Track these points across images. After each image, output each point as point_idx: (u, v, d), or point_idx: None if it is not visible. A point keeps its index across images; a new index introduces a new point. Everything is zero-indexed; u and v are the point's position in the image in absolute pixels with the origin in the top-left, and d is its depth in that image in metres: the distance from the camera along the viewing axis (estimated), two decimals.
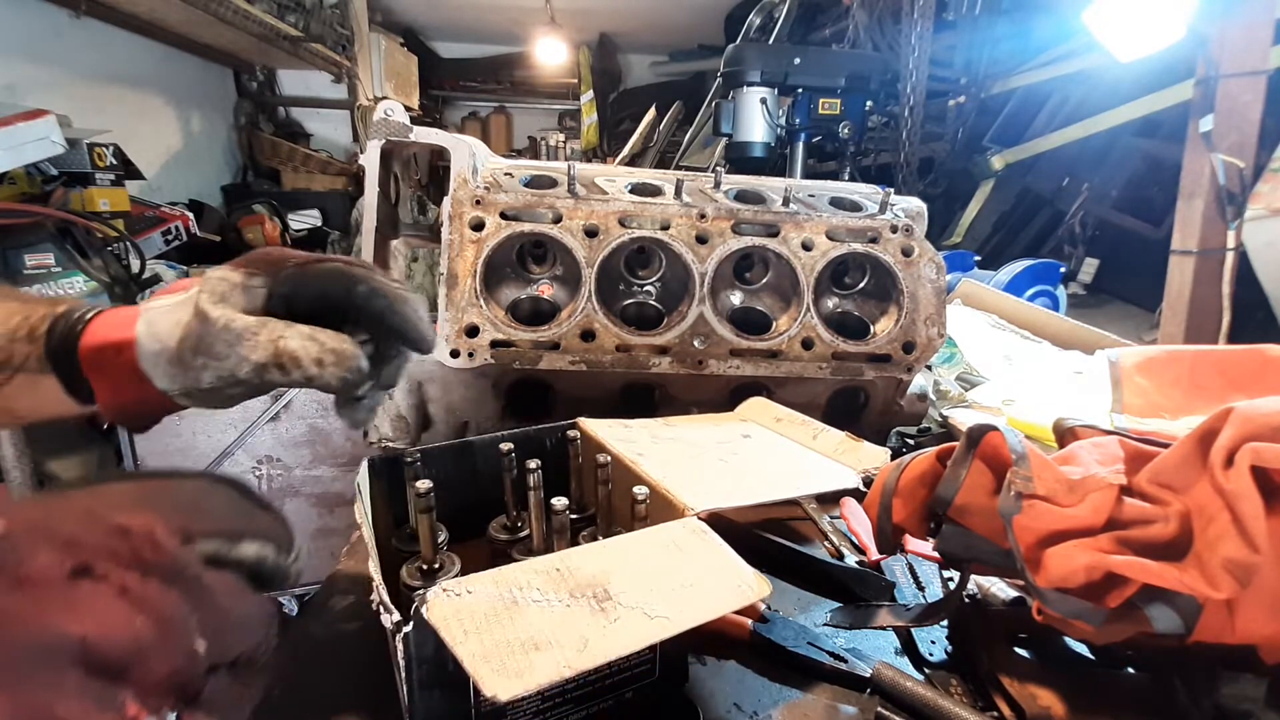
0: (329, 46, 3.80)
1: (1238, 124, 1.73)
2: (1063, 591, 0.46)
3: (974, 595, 0.62)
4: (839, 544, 0.74)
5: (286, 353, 0.43)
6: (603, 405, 0.89)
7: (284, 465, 1.97)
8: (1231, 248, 1.76)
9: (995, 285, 2.08)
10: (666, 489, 0.57)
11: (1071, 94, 2.94)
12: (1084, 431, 0.56)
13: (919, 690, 0.49)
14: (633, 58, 5.93)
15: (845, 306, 1.00)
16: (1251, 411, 0.44)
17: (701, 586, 0.44)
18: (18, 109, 2.05)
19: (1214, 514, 0.43)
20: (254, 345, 0.43)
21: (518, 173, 0.93)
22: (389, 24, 4.92)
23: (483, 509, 0.66)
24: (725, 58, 2.68)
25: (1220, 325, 1.80)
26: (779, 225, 0.94)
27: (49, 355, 0.47)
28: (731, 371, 0.91)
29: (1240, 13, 1.70)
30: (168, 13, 2.87)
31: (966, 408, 1.12)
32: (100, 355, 0.46)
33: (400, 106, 0.89)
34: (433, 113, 5.59)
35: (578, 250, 0.89)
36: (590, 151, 5.50)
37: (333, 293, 0.45)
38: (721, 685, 0.53)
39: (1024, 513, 0.47)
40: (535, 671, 0.35)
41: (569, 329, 0.88)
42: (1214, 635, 0.44)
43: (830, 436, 0.73)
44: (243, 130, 4.19)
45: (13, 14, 2.55)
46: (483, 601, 0.39)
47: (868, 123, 2.70)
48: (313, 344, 0.43)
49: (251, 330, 0.43)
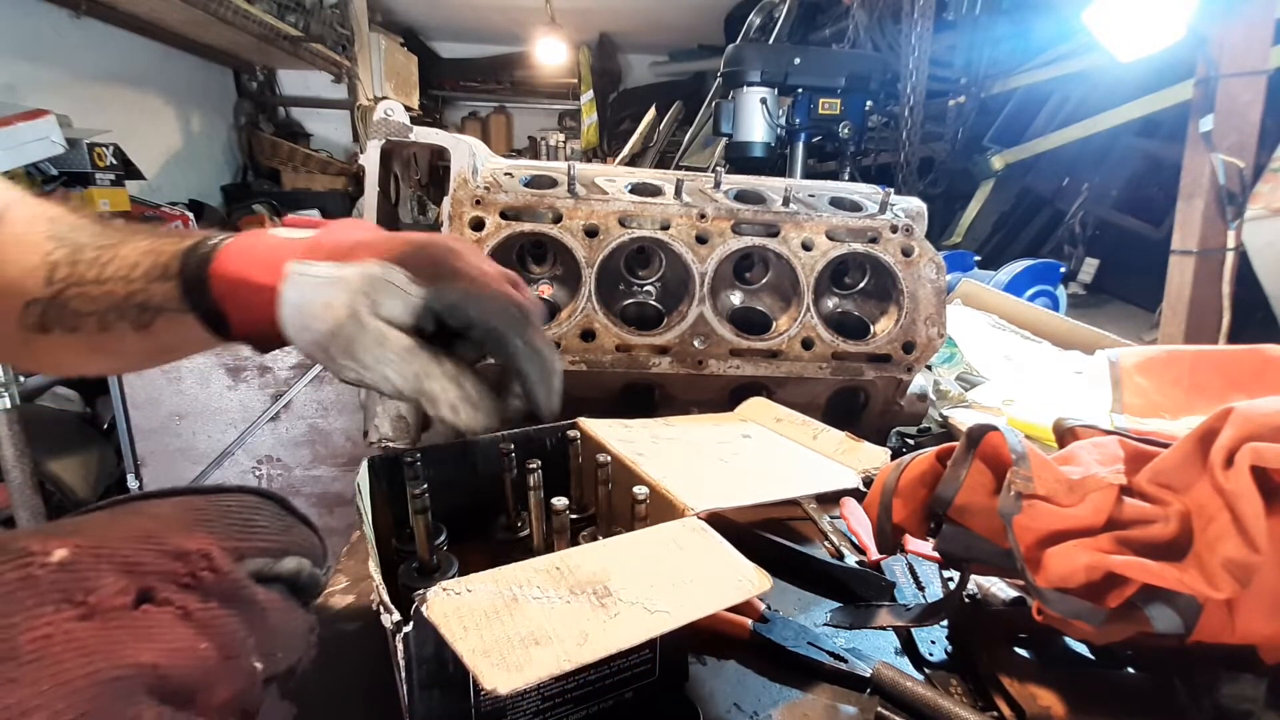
0: (329, 46, 3.80)
1: (1238, 124, 1.73)
2: (1063, 591, 0.46)
3: (974, 595, 0.62)
4: (839, 544, 0.74)
5: (426, 392, 0.44)
6: (603, 405, 0.89)
7: (284, 465, 1.97)
8: (1231, 248, 1.76)
9: (995, 285, 2.08)
10: (666, 489, 0.57)
11: (1071, 94, 2.94)
12: (1084, 431, 0.56)
13: (919, 690, 0.49)
14: (633, 58, 5.93)
15: (845, 306, 1.00)
16: (1251, 411, 0.44)
17: (702, 582, 0.44)
18: (18, 109, 2.05)
19: (1214, 514, 0.43)
20: (400, 373, 0.43)
21: (518, 173, 0.93)
22: (389, 24, 4.92)
23: (483, 509, 0.66)
24: (725, 58, 2.68)
25: (1220, 325, 1.80)
26: (779, 225, 0.94)
27: (185, 293, 0.47)
28: (731, 371, 0.91)
29: (1240, 13, 1.70)
30: (168, 13, 2.88)
31: (966, 408, 1.12)
32: (234, 289, 0.46)
33: (400, 106, 0.89)
34: (433, 113, 5.60)
35: (578, 250, 0.89)
36: (590, 151, 5.50)
37: (489, 336, 0.45)
38: (721, 685, 0.53)
39: (1024, 513, 0.47)
40: (535, 665, 0.35)
41: (569, 329, 0.88)
42: (1214, 635, 0.44)
43: (830, 436, 0.73)
44: (243, 130, 4.19)
45: (13, 14, 2.55)
46: (482, 599, 0.39)
47: (868, 123, 2.70)
48: (454, 389, 0.44)
49: (403, 358, 0.43)
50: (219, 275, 0.46)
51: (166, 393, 1.89)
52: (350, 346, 0.43)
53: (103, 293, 0.48)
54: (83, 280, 0.48)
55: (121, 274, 0.48)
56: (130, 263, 0.48)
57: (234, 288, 0.46)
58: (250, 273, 0.46)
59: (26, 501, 1.62)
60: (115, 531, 0.32)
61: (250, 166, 4.23)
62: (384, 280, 0.43)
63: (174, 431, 1.92)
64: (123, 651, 0.26)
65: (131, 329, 0.48)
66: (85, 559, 0.28)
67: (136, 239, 0.50)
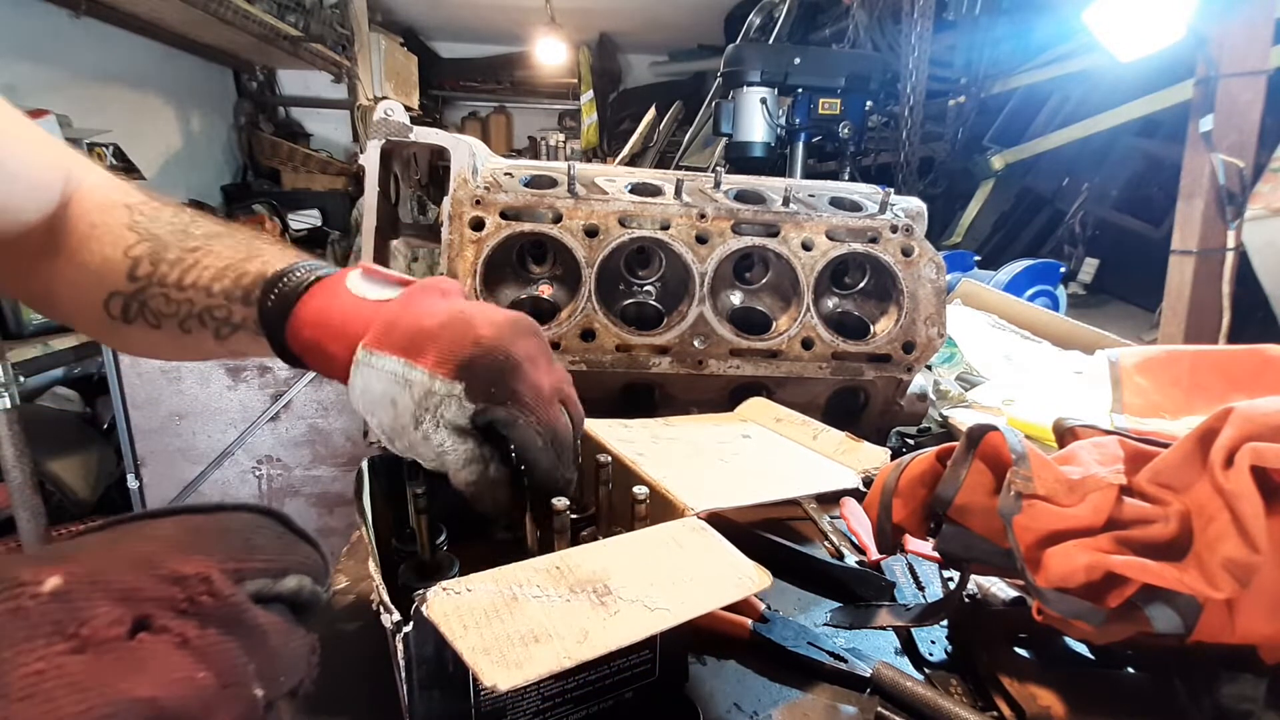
0: (329, 46, 3.80)
1: (1238, 124, 1.73)
2: (1063, 591, 0.46)
3: (974, 595, 0.62)
4: (839, 544, 0.74)
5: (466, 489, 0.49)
6: (603, 405, 0.89)
7: (284, 465, 1.97)
8: (1231, 248, 1.76)
9: (995, 285, 2.08)
10: (666, 489, 0.57)
11: (1071, 94, 2.94)
12: (1084, 431, 0.56)
13: (919, 690, 0.49)
14: (633, 58, 5.93)
15: (845, 306, 1.00)
16: (1251, 411, 0.44)
17: (702, 580, 0.44)
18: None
19: (1214, 514, 0.43)
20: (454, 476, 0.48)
21: (518, 173, 0.93)
22: (389, 24, 4.91)
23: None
24: (725, 58, 2.68)
25: (1220, 325, 1.80)
26: (779, 225, 0.94)
27: (263, 325, 0.49)
28: (731, 371, 0.91)
29: (1240, 13, 1.70)
30: (168, 13, 2.87)
31: (966, 408, 1.12)
32: (309, 351, 0.49)
33: (400, 106, 0.89)
34: (433, 113, 5.59)
35: (578, 250, 0.89)
36: (590, 151, 5.50)
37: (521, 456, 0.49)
38: (721, 685, 0.53)
39: (1024, 513, 0.47)
40: (535, 662, 0.35)
41: (569, 329, 0.88)
42: (1214, 635, 0.44)
43: (830, 436, 0.73)
44: (243, 130, 4.19)
45: (13, 14, 2.55)
46: (482, 598, 0.39)
47: (868, 123, 2.70)
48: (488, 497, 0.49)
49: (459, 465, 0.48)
50: (295, 335, 0.49)
51: (166, 393, 1.89)
52: (413, 448, 0.48)
53: (184, 299, 0.50)
54: (165, 282, 0.50)
55: (203, 284, 0.50)
56: (212, 275, 0.50)
57: (308, 350, 0.49)
58: (324, 341, 0.49)
59: (26, 501, 1.62)
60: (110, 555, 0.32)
61: (250, 166, 4.23)
62: (445, 398, 0.47)
63: (174, 431, 1.92)
64: (118, 685, 0.26)
65: (211, 337, 0.51)
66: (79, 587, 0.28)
67: (218, 244, 0.52)
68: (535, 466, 0.49)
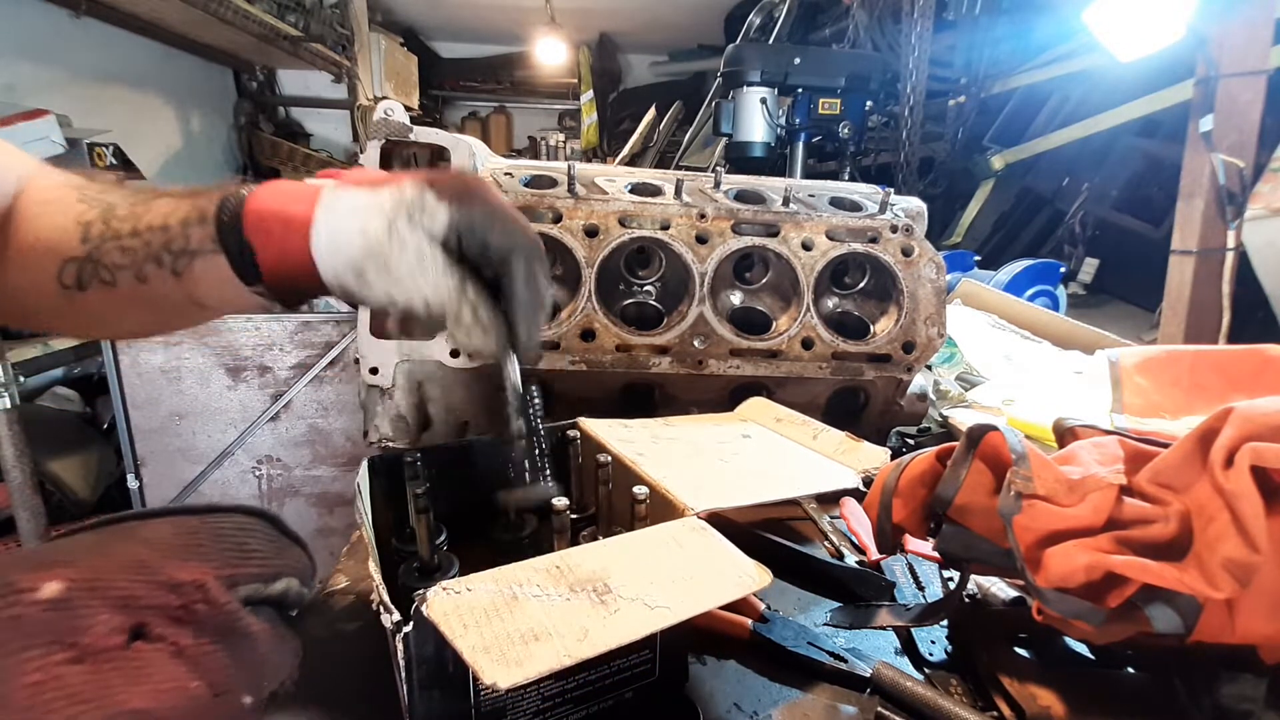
0: (329, 46, 3.80)
1: (1238, 124, 1.73)
2: (1063, 591, 0.46)
3: (974, 595, 0.62)
4: (839, 544, 0.74)
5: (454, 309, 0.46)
6: (603, 405, 0.89)
7: (284, 465, 1.97)
8: (1231, 248, 1.76)
9: (995, 285, 2.08)
10: (666, 489, 0.57)
11: (1071, 94, 2.94)
12: (1084, 431, 0.56)
13: (919, 690, 0.49)
14: (633, 58, 5.93)
15: (845, 306, 1.00)
16: (1251, 411, 0.44)
17: (702, 578, 0.44)
18: (18, 109, 2.05)
19: (1214, 514, 0.43)
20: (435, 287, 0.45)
21: (518, 172, 0.93)
22: (389, 24, 4.91)
23: (483, 509, 0.66)
24: (725, 58, 2.68)
25: (1220, 325, 1.80)
26: (779, 225, 0.94)
27: (218, 231, 0.47)
28: (731, 371, 0.91)
29: (1240, 13, 1.70)
30: (168, 13, 2.87)
31: (966, 408, 1.12)
32: (266, 222, 0.47)
33: (400, 106, 0.89)
34: (433, 113, 5.59)
35: (578, 250, 0.89)
36: (590, 151, 5.50)
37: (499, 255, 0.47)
38: (721, 685, 0.53)
39: (1024, 513, 0.47)
40: (535, 660, 0.35)
41: (569, 329, 0.88)
42: (1214, 635, 0.44)
43: (830, 436, 0.73)
44: (243, 130, 4.18)
45: (13, 14, 2.55)
46: (482, 598, 0.39)
47: (868, 123, 2.70)
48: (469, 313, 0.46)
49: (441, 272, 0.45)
50: (252, 210, 0.47)
51: (166, 393, 1.89)
52: (388, 262, 0.44)
53: (139, 244, 0.48)
54: (119, 234, 0.49)
55: (158, 223, 0.48)
56: (166, 212, 0.49)
57: (266, 222, 0.47)
58: (283, 205, 0.47)
59: (26, 501, 1.62)
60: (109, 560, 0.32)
61: (250, 166, 4.23)
62: (418, 199, 0.45)
63: (174, 431, 1.91)
64: (115, 697, 0.26)
65: (169, 275, 0.49)
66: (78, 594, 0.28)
67: (170, 194, 0.51)
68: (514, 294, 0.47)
